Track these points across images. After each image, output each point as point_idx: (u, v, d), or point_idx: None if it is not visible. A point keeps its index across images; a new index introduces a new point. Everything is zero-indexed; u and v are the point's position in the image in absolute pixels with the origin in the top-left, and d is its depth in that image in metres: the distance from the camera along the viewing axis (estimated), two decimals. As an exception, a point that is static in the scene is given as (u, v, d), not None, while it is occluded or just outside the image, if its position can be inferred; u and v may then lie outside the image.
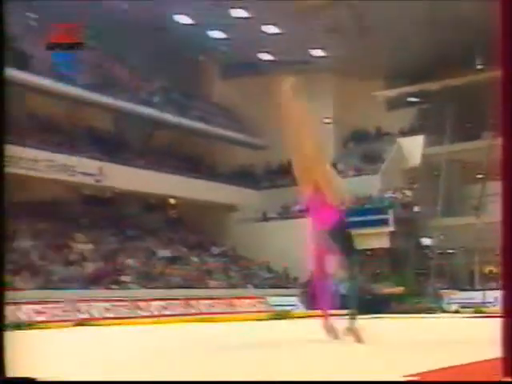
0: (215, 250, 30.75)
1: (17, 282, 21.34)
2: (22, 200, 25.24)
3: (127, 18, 26.31)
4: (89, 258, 24.40)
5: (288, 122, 7.35)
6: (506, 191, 2.24)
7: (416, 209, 29.81)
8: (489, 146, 24.86)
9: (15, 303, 19.39)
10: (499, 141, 2.47)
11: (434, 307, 24.01)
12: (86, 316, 20.00)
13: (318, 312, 8.41)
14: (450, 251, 28.59)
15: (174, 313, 22.21)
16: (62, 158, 24.73)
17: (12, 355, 3.15)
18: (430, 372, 4.03)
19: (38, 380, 2.62)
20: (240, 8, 26.71)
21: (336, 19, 26.19)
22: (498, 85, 2.64)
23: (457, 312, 22.02)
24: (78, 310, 20.30)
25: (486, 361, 4.39)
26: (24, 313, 19.27)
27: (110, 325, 18.67)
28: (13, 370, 3.21)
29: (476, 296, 23.60)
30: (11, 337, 3.14)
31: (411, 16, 25.02)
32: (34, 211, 25.00)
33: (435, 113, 31.25)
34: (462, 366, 4.43)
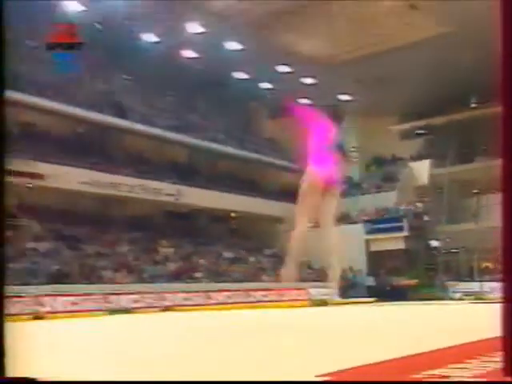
0: (267, 251, 30.88)
1: (118, 277, 21.98)
2: (122, 215, 26.00)
3: (200, 75, 26.88)
4: (171, 259, 24.81)
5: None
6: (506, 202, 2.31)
7: (425, 218, 29.58)
8: (481, 167, 24.85)
9: (117, 294, 20.03)
10: (491, 162, 2.41)
11: (442, 296, 23.82)
12: (170, 304, 20.37)
13: (349, 300, 8.63)
14: (454, 251, 28.25)
15: (236, 301, 22.44)
16: (150, 183, 25.36)
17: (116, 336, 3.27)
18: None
19: (39, 380, 2.27)
20: (284, 65, 27.12)
21: (359, 71, 26.37)
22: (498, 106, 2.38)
23: (461, 299, 21.84)
24: (164, 299, 20.71)
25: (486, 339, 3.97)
26: (125, 301, 19.81)
27: (188, 310, 19.14)
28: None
29: (475, 286, 23.33)
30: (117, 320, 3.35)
31: (419, 68, 25.06)
32: (130, 223, 25.64)
33: (438, 142, 31.18)
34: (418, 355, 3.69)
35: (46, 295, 18.10)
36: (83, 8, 21.47)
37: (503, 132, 2.14)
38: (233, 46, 25.31)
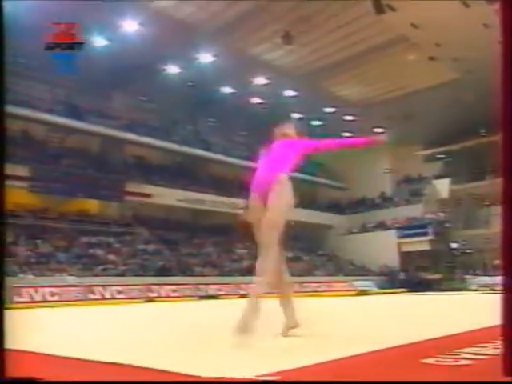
0: (319, 252, 30.85)
1: (205, 271, 22.39)
2: (208, 224, 26.54)
3: (265, 116, 27.18)
4: (244, 258, 25.09)
5: None
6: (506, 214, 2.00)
7: (446, 225, 28.83)
8: (491, 184, 24.37)
9: (205, 284, 20.36)
10: (498, 180, 2.00)
11: (461, 287, 23.14)
12: (244, 292, 20.44)
13: (385, 290, 8.49)
14: (470, 251, 27.42)
15: (294, 291, 22.37)
16: (229, 200, 25.05)
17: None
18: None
19: (40, 380, 1.89)
20: (330, 107, 27.16)
21: (390, 110, 26.22)
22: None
23: (476, 290, 21.16)
24: (240, 289, 20.93)
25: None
26: (211, 290, 20.19)
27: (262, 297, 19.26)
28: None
29: (488, 280, 22.53)
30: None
31: (438, 105, 24.68)
32: (214, 230, 26.11)
33: (455, 164, 30.44)
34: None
35: (153, 284, 18.47)
36: (180, 70, 22.37)
37: (503, 155, 2.03)
38: (290, 93, 25.63)
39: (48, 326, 6.20)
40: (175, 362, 2.49)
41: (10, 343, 2.91)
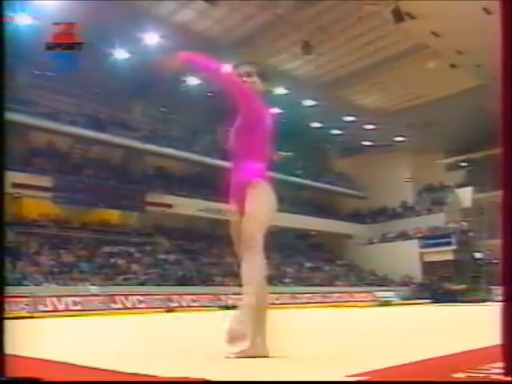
0: (339, 262, 30.56)
1: (226, 281, 22.22)
2: (228, 234, 26.48)
3: (284, 126, 27.26)
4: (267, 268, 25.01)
5: None
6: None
7: (470, 234, 28.30)
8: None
9: (225, 294, 20.22)
10: None
11: (487, 298, 22.56)
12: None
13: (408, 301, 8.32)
14: (494, 261, 26.80)
15: (316, 301, 22.24)
16: None
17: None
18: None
19: (41, 380, 1.83)
20: (349, 116, 27.14)
21: (410, 118, 25.97)
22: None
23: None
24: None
25: None
26: (232, 300, 19.95)
27: (279, 308, 19.13)
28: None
29: (515, 290, 21.86)
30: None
31: (459, 113, 24.38)
32: (232, 240, 26.05)
33: (478, 172, 29.87)
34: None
35: (174, 294, 18.41)
36: (199, 81, 22.57)
37: (502, 169, 1.97)
38: (309, 102, 25.64)
39: (68, 335, 6.23)
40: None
41: (34, 351, 2.90)
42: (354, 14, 17.59)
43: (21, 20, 14.46)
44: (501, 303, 1.98)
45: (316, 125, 28.81)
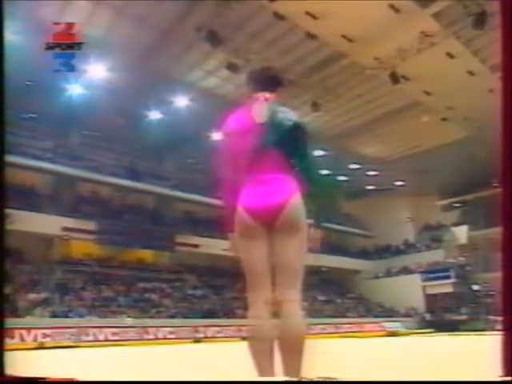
0: (349, 295, 30.07)
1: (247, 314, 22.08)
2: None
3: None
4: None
5: None
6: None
7: (467, 268, 27.77)
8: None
9: (247, 325, 20.05)
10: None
11: (486, 327, 21.88)
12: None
13: (413, 331, 7.91)
14: (491, 293, 26.12)
15: (328, 331, 21.78)
16: None
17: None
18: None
19: (42, 380, 1.71)
20: (354, 163, 27.39)
21: (409, 165, 26.13)
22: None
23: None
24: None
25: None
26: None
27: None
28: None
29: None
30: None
31: (452, 160, 24.47)
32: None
33: (471, 212, 29.66)
34: None
35: (201, 326, 18.38)
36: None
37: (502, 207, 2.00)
38: (318, 152, 25.98)
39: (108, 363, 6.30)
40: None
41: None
42: (356, 77, 18.21)
43: (75, 90, 15.30)
44: (500, 332, 1.95)
45: (325, 172, 29.05)
